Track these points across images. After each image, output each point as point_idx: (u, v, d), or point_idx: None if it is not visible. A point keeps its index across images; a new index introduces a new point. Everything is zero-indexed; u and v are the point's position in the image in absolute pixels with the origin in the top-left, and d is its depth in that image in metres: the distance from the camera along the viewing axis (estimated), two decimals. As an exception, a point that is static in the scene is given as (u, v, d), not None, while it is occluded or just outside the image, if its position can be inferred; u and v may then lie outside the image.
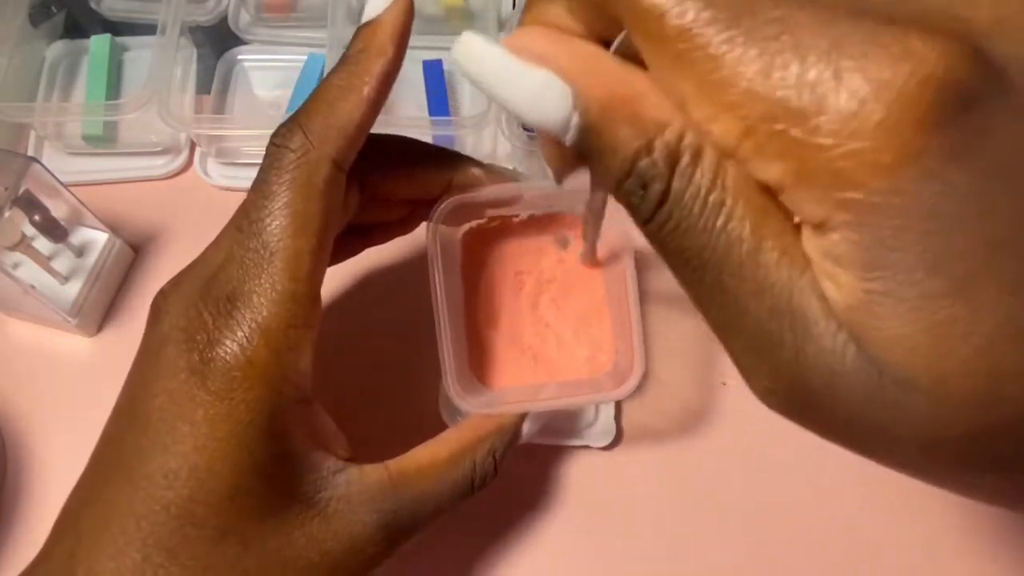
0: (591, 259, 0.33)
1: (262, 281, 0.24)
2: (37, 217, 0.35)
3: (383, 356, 0.38)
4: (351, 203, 0.28)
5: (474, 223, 0.33)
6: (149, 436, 0.24)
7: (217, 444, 0.24)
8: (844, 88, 0.12)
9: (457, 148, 0.42)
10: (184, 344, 0.24)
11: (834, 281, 0.13)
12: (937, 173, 0.12)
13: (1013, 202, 0.12)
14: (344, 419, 0.29)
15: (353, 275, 0.40)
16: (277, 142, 0.25)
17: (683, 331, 0.39)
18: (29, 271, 0.36)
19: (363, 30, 0.25)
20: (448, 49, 0.44)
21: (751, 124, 0.13)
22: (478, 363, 0.34)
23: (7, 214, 0.34)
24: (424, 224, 0.30)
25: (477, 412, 0.29)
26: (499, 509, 0.35)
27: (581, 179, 0.22)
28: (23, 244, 0.35)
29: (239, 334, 0.24)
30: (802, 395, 0.14)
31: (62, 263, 0.38)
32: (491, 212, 0.32)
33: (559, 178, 0.21)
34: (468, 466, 0.28)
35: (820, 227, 0.13)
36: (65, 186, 0.36)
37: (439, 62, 0.44)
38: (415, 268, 0.39)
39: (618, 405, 0.37)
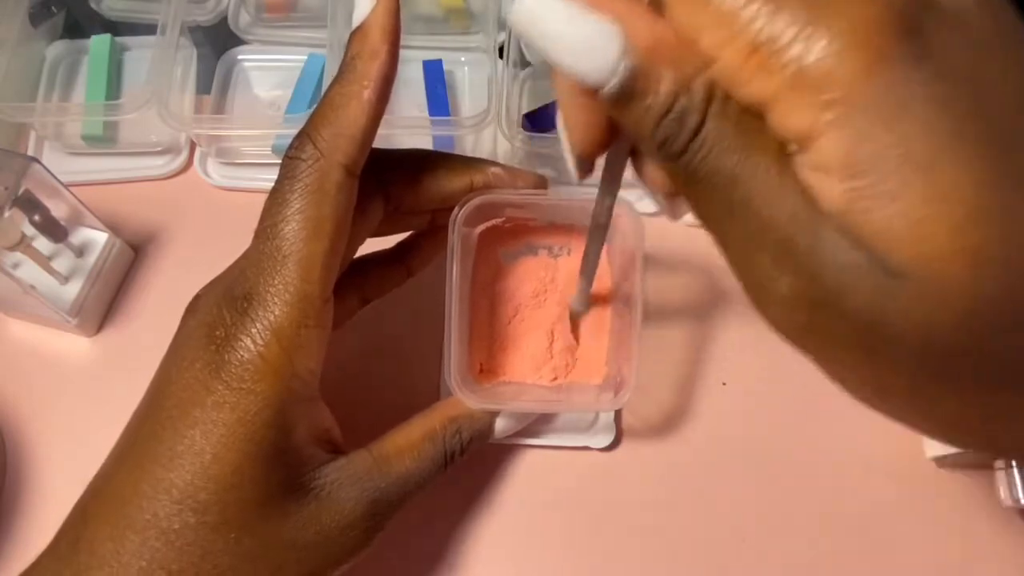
0: (585, 306, 0.32)
1: (276, 282, 0.26)
2: (37, 217, 0.35)
3: (385, 344, 0.38)
4: (375, 213, 0.30)
5: (492, 222, 0.33)
6: (163, 420, 0.26)
7: (224, 430, 0.25)
8: (833, 12, 0.15)
9: (457, 149, 0.42)
10: (204, 339, 0.26)
11: (825, 189, 0.16)
12: (902, 74, 0.15)
13: (960, 102, 0.15)
14: (344, 405, 0.30)
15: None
16: (290, 154, 0.26)
17: (683, 333, 0.39)
18: (29, 271, 0.36)
19: (354, 36, 0.26)
20: (447, 50, 0.44)
21: (756, 45, 0.16)
22: (478, 358, 0.34)
23: (7, 214, 0.34)
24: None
25: (454, 398, 0.31)
26: (500, 509, 0.36)
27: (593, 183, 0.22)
28: (23, 244, 0.35)
29: (253, 331, 0.25)
30: (817, 297, 0.16)
31: (62, 263, 0.38)
32: (510, 212, 0.33)
33: (584, 159, 0.21)
34: (439, 445, 0.30)
35: (808, 139, 0.16)
36: (65, 186, 0.36)
37: (439, 62, 0.44)
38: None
39: (618, 405, 0.37)
